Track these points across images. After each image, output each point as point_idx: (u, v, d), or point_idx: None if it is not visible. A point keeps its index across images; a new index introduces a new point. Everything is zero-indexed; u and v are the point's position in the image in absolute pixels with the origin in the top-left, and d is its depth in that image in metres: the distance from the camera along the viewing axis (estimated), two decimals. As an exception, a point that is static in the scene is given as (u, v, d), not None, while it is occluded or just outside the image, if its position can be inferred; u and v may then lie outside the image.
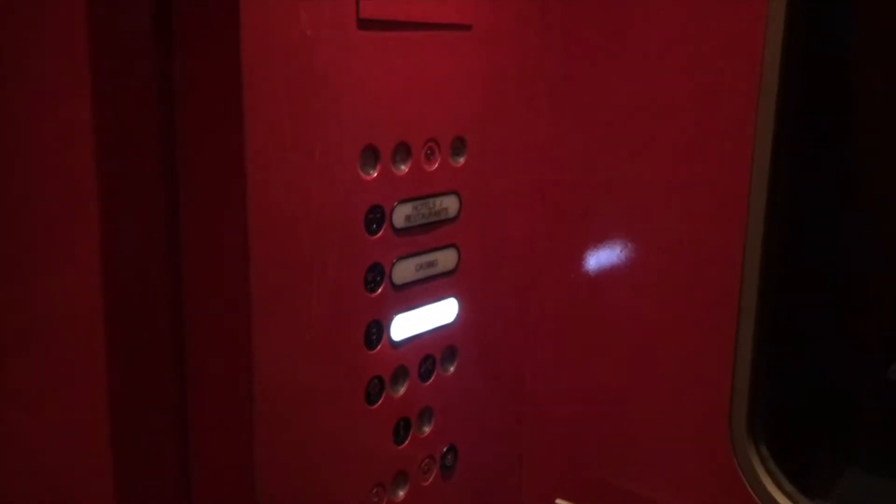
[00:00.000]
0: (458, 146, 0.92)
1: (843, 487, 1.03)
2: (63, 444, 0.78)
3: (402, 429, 0.91)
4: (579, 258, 1.03)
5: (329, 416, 0.82)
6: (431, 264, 0.91)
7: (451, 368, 0.97)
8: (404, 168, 0.85)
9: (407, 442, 0.92)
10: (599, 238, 1.01)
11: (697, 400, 0.96)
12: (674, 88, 0.94)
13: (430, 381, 0.94)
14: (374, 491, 0.89)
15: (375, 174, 0.82)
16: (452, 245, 0.93)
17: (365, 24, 0.77)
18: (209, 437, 0.81)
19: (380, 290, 0.85)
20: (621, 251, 1.00)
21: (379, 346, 0.86)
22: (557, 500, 1.08)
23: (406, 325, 0.89)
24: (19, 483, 0.78)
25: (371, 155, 0.81)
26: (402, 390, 0.90)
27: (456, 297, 0.95)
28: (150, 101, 0.74)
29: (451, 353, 0.96)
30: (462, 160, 0.92)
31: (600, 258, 1.01)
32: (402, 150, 0.85)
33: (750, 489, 0.94)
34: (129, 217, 0.75)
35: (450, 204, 0.92)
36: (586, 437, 1.06)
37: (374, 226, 0.83)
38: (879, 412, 1.13)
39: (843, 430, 1.13)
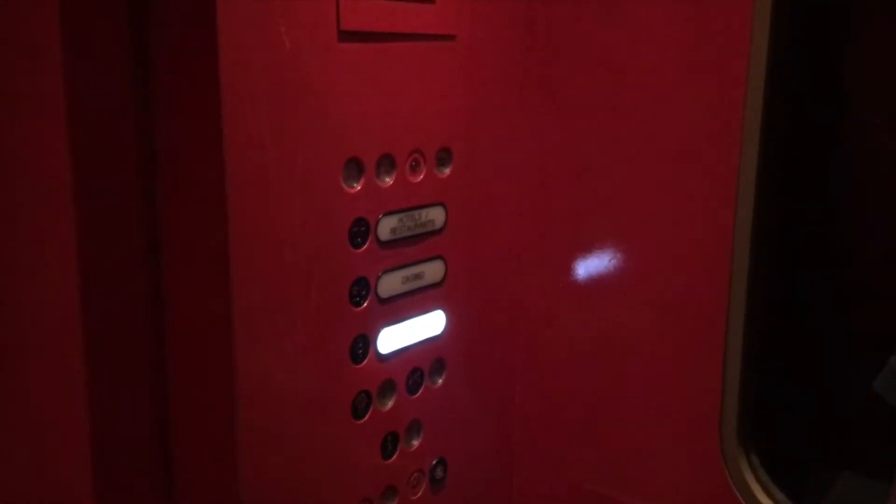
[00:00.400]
0: (444, 157, 0.91)
1: (835, 495, 1.02)
2: (43, 460, 0.77)
3: (389, 443, 0.90)
4: (567, 268, 1.02)
5: (315, 432, 0.81)
6: (418, 276, 0.90)
7: (440, 381, 0.96)
8: (389, 180, 0.84)
9: (395, 456, 0.91)
10: (587, 248, 1.00)
11: (687, 409, 0.96)
12: (660, 97, 0.93)
13: (418, 394, 0.93)
14: (362, 506, 0.88)
15: (359, 187, 0.81)
16: (439, 257, 0.92)
17: (346, 35, 0.77)
18: (193, 454, 0.80)
19: (365, 304, 0.84)
20: (609, 261, 0.99)
21: (365, 361, 0.85)
22: (548, 512, 1.07)
23: (393, 339, 0.88)
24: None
25: (354, 167, 0.80)
26: (389, 404, 0.89)
27: (443, 309, 0.94)
28: (128, 114, 0.73)
29: (439, 366, 0.96)
30: (448, 171, 0.92)
31: (588, 268, 1.01)
32: (387, 162, 0.84)
33: (741, 498, 0.93)
34: (108, 230, 0.74)
35: (436, 215, 0.91)
36: (576, 448, 1.06)
37: (359, 239, 0.82)
38: (871, 418, 1.12)
39: (834, 436, 1.12)
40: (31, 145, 0.71)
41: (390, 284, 0.86)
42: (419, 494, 0.95)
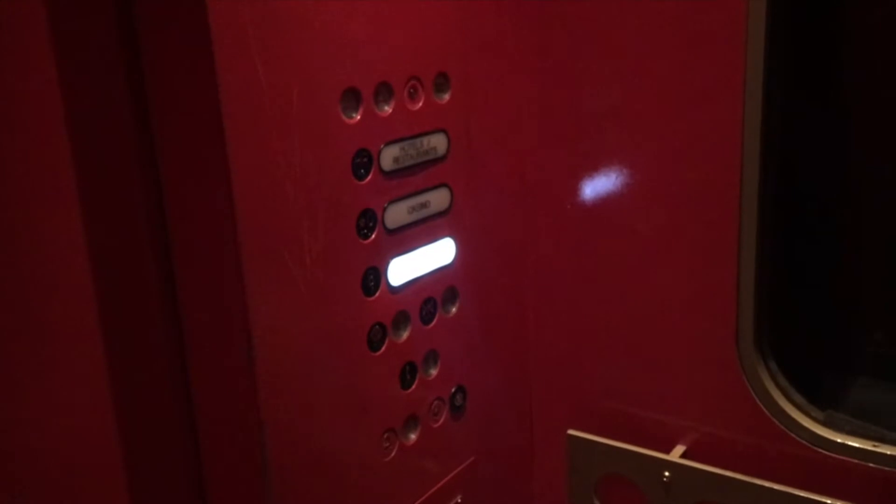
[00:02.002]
0: (442, 83, 0.89)
1: (855, 397, 1.03)
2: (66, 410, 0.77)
3: (408, 373, 0.91)
4: (575, 186, 1.01)
5: (333, 367, 0.82)
6: (424, 205, 0.89)
7: (453, 310, 0.96)
8: (388, 109, 0.83)
9: (414, 386, 0.91)
10: (594, 164, 0.99)
11: (703, 319, 0.96)
12: (659, 6, 0.91)
13: (433, 323, 0.93)
14: (386, 436, 0.89)
15: (359, 117, 0.79)
16: (444, 184, 0.91)
17: (334, -40, 0.74)
18: (213, 398, 0.80)
19: (373, 236, 0.83)
20: (617, 175, 0.98)
21: (378, 293, 0.85)
22: (569, 431, 1.08)
23: (403, 270, 0.87)
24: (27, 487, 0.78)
25: (352, 97, 0.79)
26: (404, 335, 0.89)
27: (452, 237, 0.93)
28: (118, 61, 0.71)
29: (451, 295, 0.95)
30: (447, 97, 0.90)
31: (596, 184, 0.99)
32: (384, 91, 0.82)
33: (760, 404, 0.94)
34: (107, 177, 0.73)
35: (438, 143, 0.89)
36: (594, 367, 1.06)
37: (362, 170, 0.81)
38: (888, 321, 1.12)
39: (852, 340, 1.12)
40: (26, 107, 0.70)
41: (397, 215, 0.85)
42: (440, 422, 0.96)
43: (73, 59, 0.69)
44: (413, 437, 0.92)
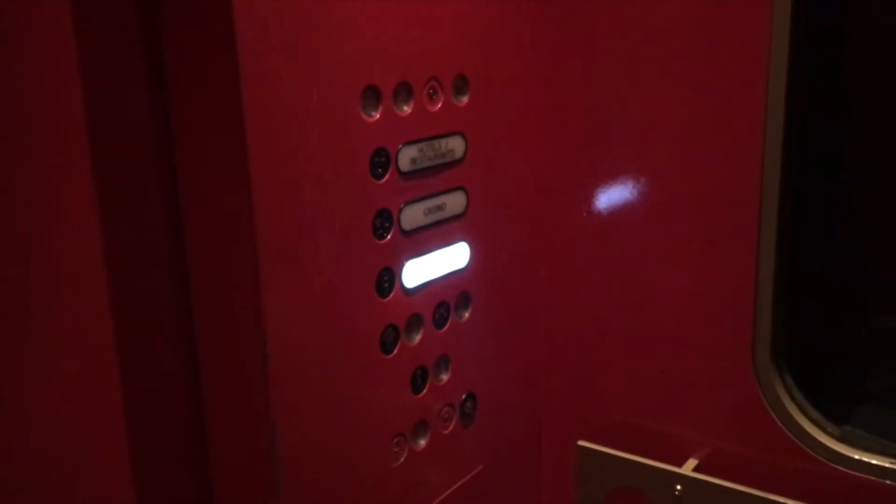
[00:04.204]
0: (461, 84, 0.89)
1: (872, 412, 1.01)
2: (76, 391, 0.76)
3: (419, 377, 0.90)
4: (590, 194, 1.00)
5: (345, 368, 0.81)
6: (440, 208, 0.88)
7: (466, 315, 0.95)
8: (407, 109, 0.82)
9: (425, 391, 0.90)
10: (611, 171, 0.98)
11: (718, 331, 0.94)
12: (681, 24, 0.90)
13: (445, 328, 0.92)
14: (395, 441, 0.87)
15: (378, 115, 0.79)
16: (460, 188, 0.90)
17: (358, -42, 0.74)
18: (226, 398, 0.79)
19: (389, 237, 0.83)
20: (634, 182, 0.97)
21: (392, 294, 0.84)
22: (579, 442, 1.06)
23: (418, 272, 0.87)
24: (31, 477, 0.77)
25: (372, 96, 0.78)
26: (417, 338, 0.88)
27: (467, 241, 0.93)
28: (138, 49, 0.71)
29: (464, 300, 0.94)
30: (465, 99, 0.89)
31: (612, 192, 0.99)
32: (404, 91, 0.82)
33: (776, 418, 0.92)
34: (124, 173, 0.72)
35: (456, 145, 0.89)
36: (605, 377, 1.05)
37: (380, 170, 0.80)
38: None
39: (867, 356, 1.11)
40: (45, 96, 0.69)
41: (413, 216, 0.85)
42: (450, 429, 0.95)
43: (94, 56, 0.68)
44: (422, 443, 0.91)
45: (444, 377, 0.93)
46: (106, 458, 0.75)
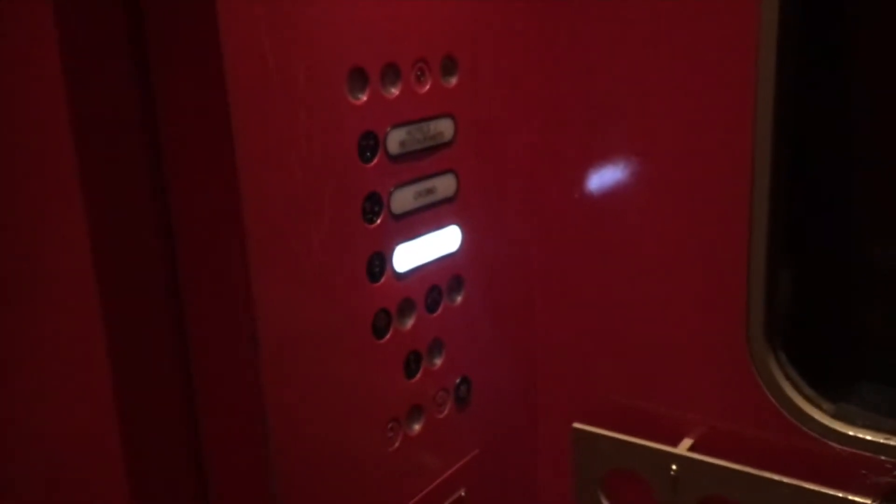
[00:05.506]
0: (449, 66, 0.88)
1: (865, 389, 1.01)
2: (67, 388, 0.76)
3: (412, 362, 0.89)
4: (582, 176, 1.00)
5: (337, 353, 0.80)
6: (430, 191, 0.87)
7: (458, 298, 0.94)
8: (395, 91, 0.81)
9: (419, 375, 0.90)
10: (603, 153, 0.97)
11: (712, 310, 0.94)
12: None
13: (438, 312, 0.91)
14: (390, 426, 0.87)
15: (365, 98, 0.78)
16: (450, 170, 0.90)
17: (341, -64, 0.73)
18: (217, 385, 0.78)
19: (379, 221, 0.82)
20: (626, 165, 0.96)
21: (383, 279, 0.83)
22: (575, 425, 1.06)
23: (409, 256, 0.86)
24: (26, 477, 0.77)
25: (359, 78, 0.77)
26: (409, 323, 0.88)
27: (458, 225, 0.92)
28: (120, 30, 0.70)
29: (457, 283, 0.94)
30: (454, 81, 0.88)
31: (604, 174, 0.98)
32: (391, 72, 0.81)
33: (770, 396, 0.92)
34: (109, 156, 0.71)
35: (445, 128, 0.88)
36: (600, 359, 1.05)
37: (368, 153, 0.80)
38: None
39: (861, 333, 1.11)
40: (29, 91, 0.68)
41: (403, 200, 0.84)
42: (445, 413, 0.95)
43: (74, 28, 0.67)
44: (417, 427, 0.91)
45: (438, 361, 0.93)
46: (97, 449, 0.75)
